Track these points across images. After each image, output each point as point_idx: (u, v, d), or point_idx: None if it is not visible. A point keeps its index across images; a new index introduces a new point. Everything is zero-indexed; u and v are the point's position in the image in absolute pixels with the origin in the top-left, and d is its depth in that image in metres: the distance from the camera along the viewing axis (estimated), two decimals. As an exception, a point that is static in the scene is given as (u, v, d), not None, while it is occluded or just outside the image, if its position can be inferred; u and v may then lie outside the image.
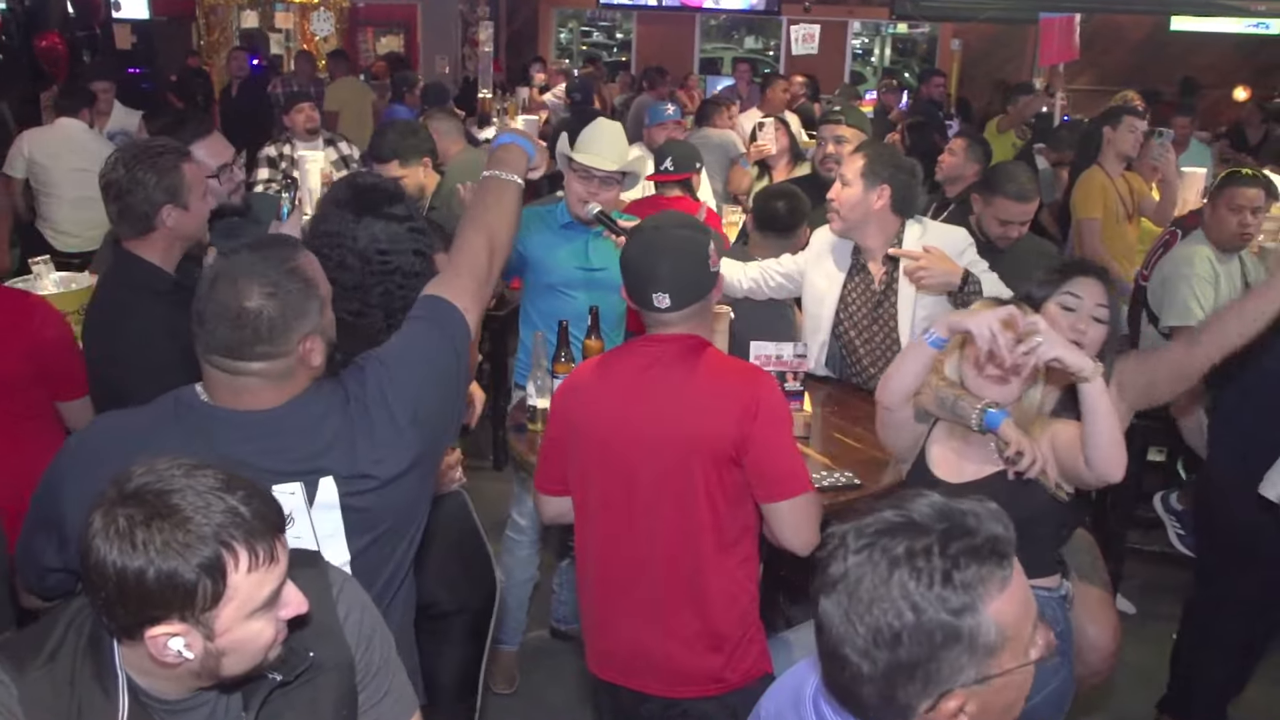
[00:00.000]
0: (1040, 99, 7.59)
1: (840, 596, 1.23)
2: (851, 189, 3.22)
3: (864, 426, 3.10)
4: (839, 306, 3.35)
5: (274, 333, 1.70)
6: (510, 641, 3.69)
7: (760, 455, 2.19)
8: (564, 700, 3.62)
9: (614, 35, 16.55)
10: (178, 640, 1.29)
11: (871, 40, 15.93)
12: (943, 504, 1.27)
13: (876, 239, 3.28)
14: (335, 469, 1.77)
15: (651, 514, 2.23)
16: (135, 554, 1.26)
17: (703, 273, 2.26)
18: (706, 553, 2.23)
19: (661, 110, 5.33)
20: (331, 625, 1.55)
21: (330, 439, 1.77)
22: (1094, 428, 2.11)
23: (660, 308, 2.23)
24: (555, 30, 15.92)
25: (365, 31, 14.50)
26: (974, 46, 13.45)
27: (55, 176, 5.67)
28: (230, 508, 1.30)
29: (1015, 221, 3.86)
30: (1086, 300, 2.44)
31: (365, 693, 1.60)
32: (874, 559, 1.22)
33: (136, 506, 1.28)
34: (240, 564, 1.29)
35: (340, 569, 1.66)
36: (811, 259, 3.45)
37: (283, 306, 1.71)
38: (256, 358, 1.71)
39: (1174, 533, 4.20)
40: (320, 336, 1.78)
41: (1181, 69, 12.30)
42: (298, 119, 5.83)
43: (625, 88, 10.95)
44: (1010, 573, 1.24)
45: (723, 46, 15.97)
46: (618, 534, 2.29)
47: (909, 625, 1.19)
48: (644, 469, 2.23)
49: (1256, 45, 11.87)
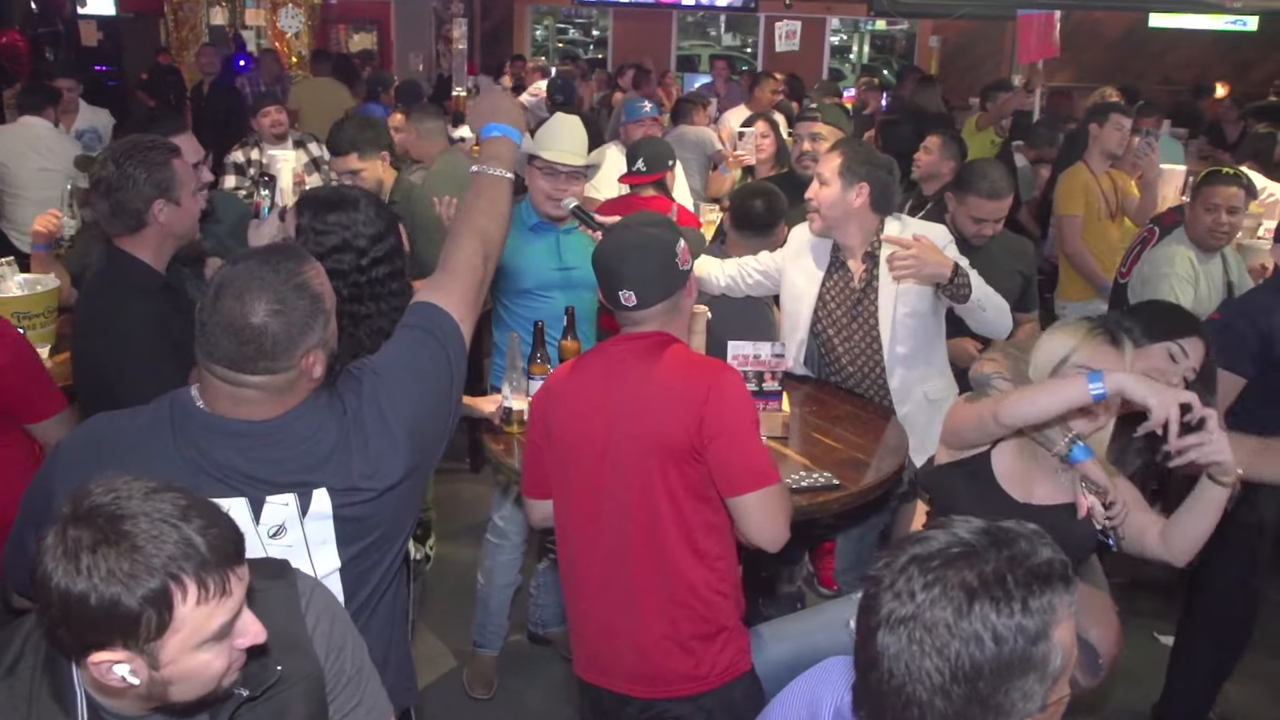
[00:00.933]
0: (1019, 96, 7.62)
1: (912, 632, 1.18)
2: (830, 187, 3.22)
3: (843, 427, 3.11)
4: (817, 305, 3.35)
5: (277, 349, 1.68)
6: (490, 646, 3.67)
7: (721, 448, 2.15)
8: (542, 704, 3.60)
9: (590, 32, 16.52)
10: (122, 667, 1.27)
11: (850, 37, 15.97)
12: (984, 526, 1.25)
13: (856, 237, 3.28)
14: (329, 481, 1.75)
15: (620, 514, 2.24)
16: (79, 578, 1.23)
17: (669, 271, 2.27)
18: (674, 552, 2.22)
19: (638, 107, 5.28)
20: (300, 637, 1.54)
21: (326, 452, 1.76)
22: (1199, 523, 2.14)
23: (627, 305, 2.26)
24: (530, 27, 15.87)
25: (337, 28, 14.40)
26: (952, 43, 13.52)
27: (20, 177, 5.59)
28: (184, 538, 1.27)
29: (988, 219, 3.86)
30: (1191, 358, 2.49)
31: (336, 703, 1.59)
32: (948, 591, 1.18)
33: (86, 528, 1.25)
34: (189, 597, 1.27)
35: (310, 576, 1.65)
36: (789, 256, 3.46)
37: (288, 324, 1.68)
38: (259, 372, 1.69)
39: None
40: (323, 349, 1.76)
41: (1159, 66, 12.40)
42: (264, 122, 5.79)
43: (602, 85, 10.94)
44: (1074, 595, 1.22)
45: (700, 43, 15.97)
46: (591, 535, 2.29)
47: (990, 657, 1.16)
48: (610, 468, 2.23)
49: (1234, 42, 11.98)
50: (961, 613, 1.17)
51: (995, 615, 1.16)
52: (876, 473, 2.82)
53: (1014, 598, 1.17)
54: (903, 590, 1.20)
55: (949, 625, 1.17)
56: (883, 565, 1.25)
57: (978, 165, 4.11)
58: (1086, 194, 5.14)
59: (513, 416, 3.00)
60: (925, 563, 1.21)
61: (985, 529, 1.24)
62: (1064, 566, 1.22)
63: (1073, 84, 12.30)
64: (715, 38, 15.99)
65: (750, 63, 14.01)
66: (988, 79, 9.98)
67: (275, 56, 10.42)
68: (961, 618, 1.17)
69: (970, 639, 1.16)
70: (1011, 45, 11.10)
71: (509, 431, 3.02)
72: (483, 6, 14.53)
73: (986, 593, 1.17)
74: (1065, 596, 1.20)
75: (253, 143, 5.82)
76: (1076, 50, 10.94)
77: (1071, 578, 1.22)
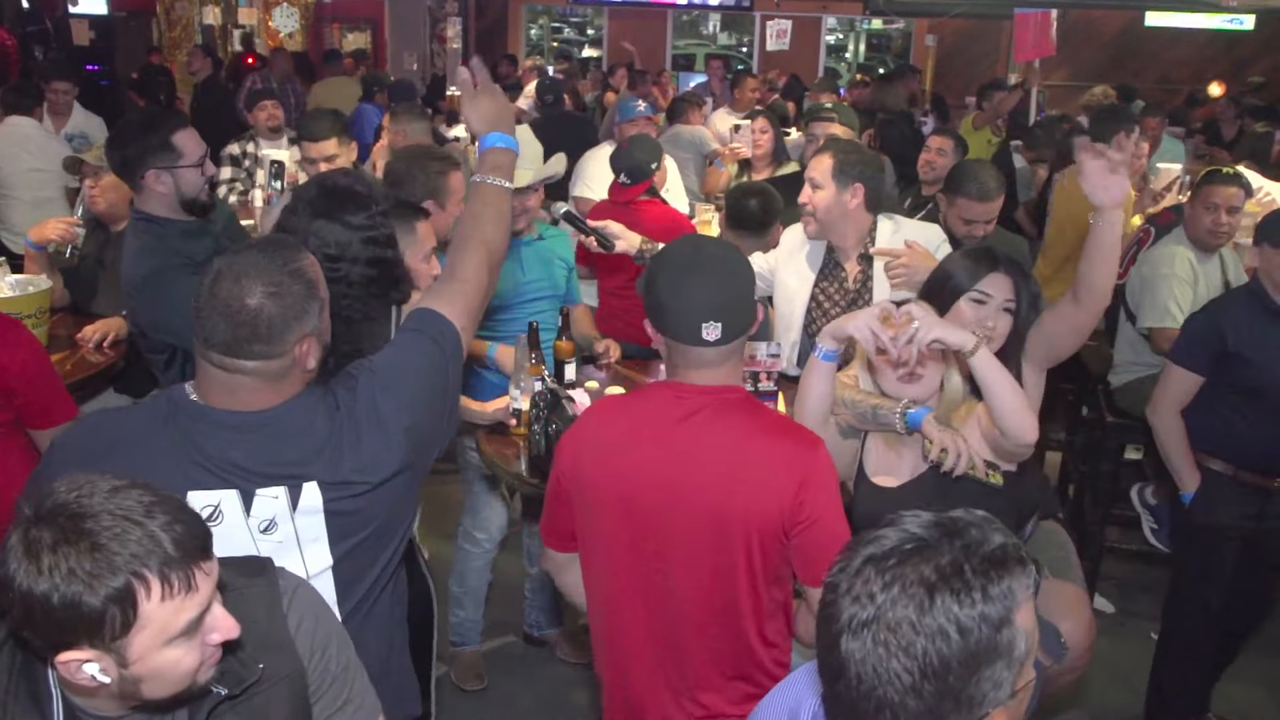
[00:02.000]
0: (1015, 95, 7.62)
1: (876, 634, 1.16)
2: (824, 190, 3.22)
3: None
4: (812, 305, 3.35)
5: (272, 332, 1.70)
6: (470, 642, 3.70)
7: (813, 534, 1.95)
8: (536, 704, 3.61)
9: (585, 31, 16.52)
10: (91, 666, 1.28)
11: (846, 36, 15.98)
12: (934, 518, 1.24)
13: (851, 238, 3.28)
14: (320, 475, 1.76)
15: (681, 589, 2.01)
16: (41, 578, 1.23)
17: (753, 301, 2.06)
18: (747, 632, 2.03)
19: (632, 106, 5.28)
20: (281, 636, 1.53)
21: (317, 446, 1.76)
22: (992, 396, 2.16)
23: (709, 340, 1.96)
24: (525, 26, 15.87)
25: (331, 28, 14.39)
26: (949, 43, 13.53)
27: (11, 178, 5.58)
28: (148, 534, 1.27)
29: (979, 221, 3.85)
30: (996, 296, 2.48)
31: (321, 702, 1.59)
32: (907, 589, 1.16)
33: (48, 528, 1.25)
34: (153, 593, 1.27)
35: (293, 575, 1.64)
36: (783, 257, 3.45)
37: (283, 307, 1.71)
38: (253, 356, 1.71)
39: (1148, 527, 4.25)
40: (317, 339, 1.79)
41: (1156, 65, 12.42)
42: (259, 116, 5.84)
43: (596, 85, 10.95)
44: (1031, 577, 1.21)
45: (695, 42, 15.97)
46: (638, 606, 2.06)
47: (957, 650, 1.15)
48: (680, 537, 1.98)
49: (1231, 40, 12.00)
50: (924, 609, 1.15)
51: (958, 607, 1.15)
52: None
53: (974, 587, 1.16)
54: (861, 593, 1.19)
55: (913, 623, 1.15)
56: (838, 570, 1.24)
57: (968, 167, 4.10)
58: None
59: (522, 417, 3.00)
60: (881, 563, 1.19)
61: (935, 521, 1.23)
62: (1017, 549, 1.22)
63: (1069, 83, 12.32)
64: (710, 37, 16.00)
65: (746, 62, 14.03)
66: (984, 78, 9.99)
67: (286, 56, 10.43)
68: (924, 614, 1.15)
69: (935, 634, 1.15)
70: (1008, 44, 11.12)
71: (517, 433, 3.02)
72: (477, 6, 14.52)
73: (946, 585, 1.16)
74: (1023, 579, 1.20)
75: (249, 136, 5.88)
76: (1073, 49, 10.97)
77: (1026, 559, 1.22)
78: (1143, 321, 3.97)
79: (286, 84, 9.08)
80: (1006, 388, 2.17)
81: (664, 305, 1.98)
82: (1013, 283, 2.50)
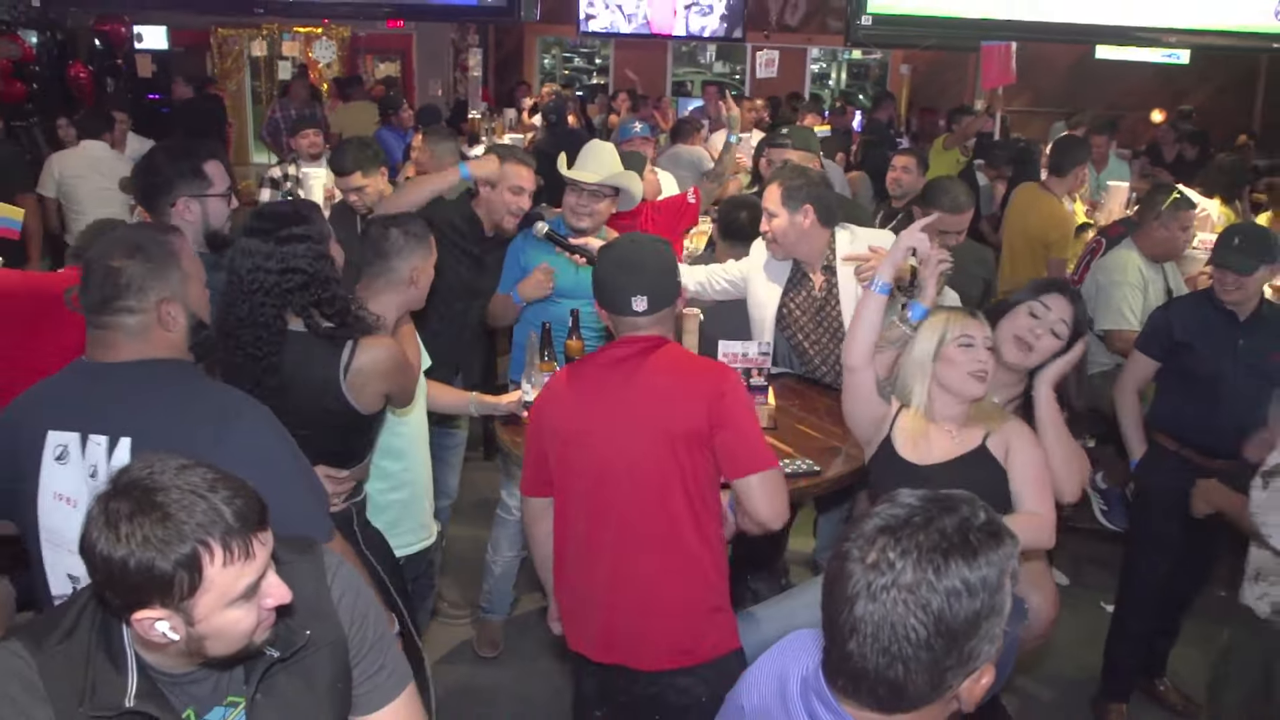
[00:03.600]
0: (981, 119, 7.64)
1: (896, 595, 1.18)
2: (779, 218, 3.23)
3: (822, 418, 3.11)
4: (784, 313, 3.34)
5: (132, 289, 1.80)
6: (498, 612, 3.69)
7: (730, 436, 2.19)
8: (555, 665, 3.59)
9: (594, 60, 16.47)
10: (163, 623, 1.31)
11: (829, 65, 15.93)
12: (925, 494, 1.27)
13: (813, 253, 3.29)
14: (138, 437, 1.76)
15: (634, 495, 2.20)
16: (119, 545, 1.27)
17: (674, 280, 2.32)
18: (686, 532, 2.20)
19: (629, 128, 5.30)
20: (326, 607, 1.55)
21: (151, 410, 1.78)
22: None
23: (638, 311, 2.24)
24: (540, 56, 15.83)
25: (365, 58, 14.40)
26: (921, 72, 13.50)
27: (81, 195, 5.63)
28: (211, 507, 1.30)
29: (951, 231, 3.86)
30: (1053, 313, 2.51)
31: (360, 667, 1.60)
32: (924, 555, 1.19)
33: (125, 500, 1.29)
34: (216, 559, 1.30)
35: (335, 554, 1.65)
36: (753, 267, 3.44)
37: (144, 268, 1.81)
38: (118, 311, 1.80)
39: (1098, 508, 4.26)
40: (180, 304, 1.85)
41: (1106, 93, 12.40)
42: (302, 143, 5.83)
43: (603, 108, 10.96)
44: (1015, 548, 1.25)
45: (692, 70, 15.92)
46: (600, 518, 2.25)
47: (966, 609, 1.18)
48: (619, 456, 2.20)
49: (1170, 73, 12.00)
50: (940, 571, 1.18)
51: (967, 570, 1.19)
52: (850, 460, 2.82)
53: (978, 553, 1.20)
54: (879, 560, 1.20)
55: (930, 584, 1.18)
56: (851, 541, 1.25)
57: (941, 182, 4.11)
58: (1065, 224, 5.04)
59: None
60: (895, 533, 1.22)
61: (931, 498, 1.26)
62: (1000, 524, 1.26)
63: (1029, 108, 12.29)
64: (706, 65, 15.95)
65: (739, 88, 13.98)
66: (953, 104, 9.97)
67: (304, 83, 10.39)
68: (940, 577, 1.18)
69: (949, 594, 1.18)
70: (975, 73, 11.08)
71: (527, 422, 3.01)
72: (496, 38, 14.49)
73: (957, 551, 1.19)
74: (1010, 549, 1.24)
75: (291, 160, 5.87)
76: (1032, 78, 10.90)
77: (1010, 532, 1.26)
78: (1099, 324, 4.01)
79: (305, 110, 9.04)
80: (1050, 432, 2.36)
81: (603, 284, 2.28)
82: (1072, 309, 2.53)
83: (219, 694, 1.45)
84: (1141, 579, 3.41)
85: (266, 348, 2.25)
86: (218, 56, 13.53)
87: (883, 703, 1.24)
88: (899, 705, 1.24)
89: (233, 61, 13.65)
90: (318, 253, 2.28)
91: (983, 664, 1.23)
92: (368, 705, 1.62)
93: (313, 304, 2.28)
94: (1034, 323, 2.51)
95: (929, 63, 13.61)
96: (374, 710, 1.62)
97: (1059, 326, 2.50)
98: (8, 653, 1.39)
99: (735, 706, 1.46)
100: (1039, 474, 2.30)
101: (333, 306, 2.30)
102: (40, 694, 1.36)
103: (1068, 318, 2.51)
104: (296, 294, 2.26)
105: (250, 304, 2.26)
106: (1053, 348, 2.49)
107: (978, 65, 7.10)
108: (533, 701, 3.48)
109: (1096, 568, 4.25)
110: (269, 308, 2.26)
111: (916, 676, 1.20)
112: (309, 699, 1.51)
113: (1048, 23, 6.40)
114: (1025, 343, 2.50)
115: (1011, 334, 2.51)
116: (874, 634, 1.19)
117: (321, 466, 2.24)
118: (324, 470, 2.28)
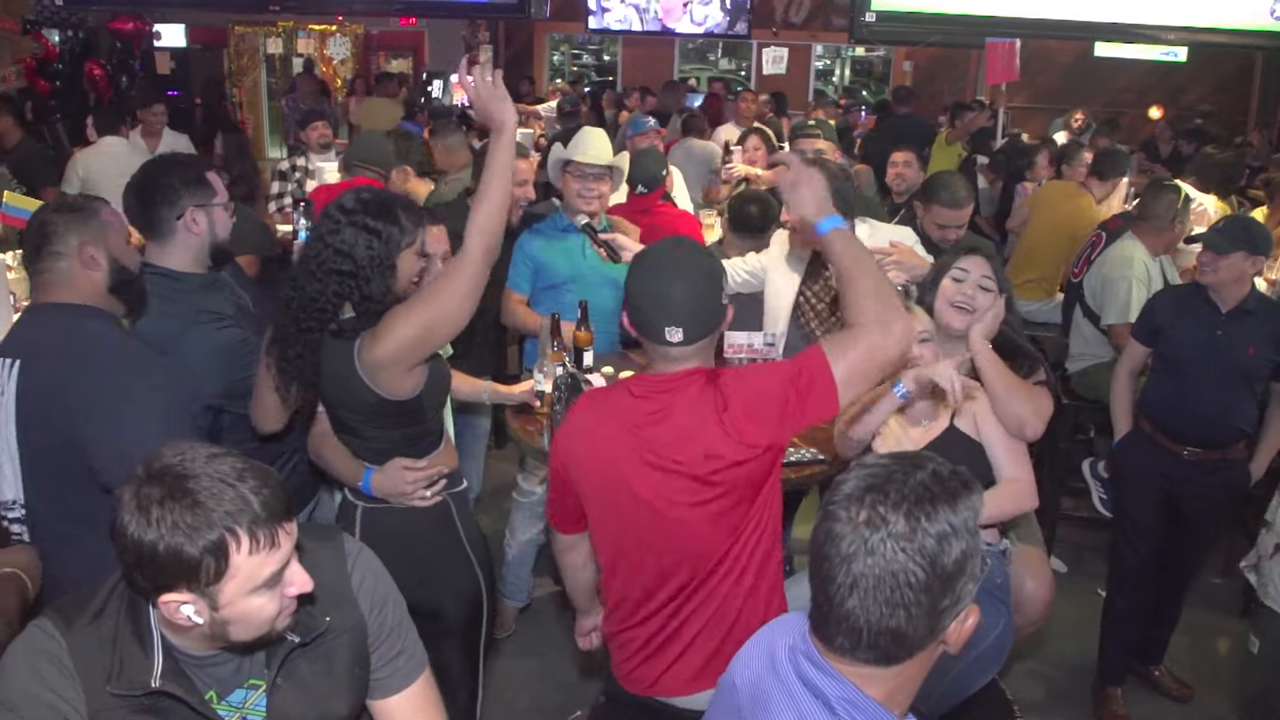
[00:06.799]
0: (982, 115, 7.61)
1: (894, 544, 1.20)
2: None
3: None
4: (801, 303, 3.32)
5: (54, 237, 2.06)
6: (514, 598, 3.67)
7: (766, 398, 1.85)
8: (573, 648, 3.58)
9: (602, 57, 16.42)
10: (188, 607, 1.31)
11: (833, 62, 15.85)
12: (895, 454, 1.31)
13: None
14: (24, 360, 2.01)
15: (685, 550, 1.91)
16: (150, 529, 1.27)
17: (717, 304, 1.91)
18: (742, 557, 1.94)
19: (642, 122, 5.30)
20: (346, 593, 1.55)
21: (46, 345, 2.01)
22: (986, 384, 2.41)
23: (672, 342, 1.86)
24: (549, 52, 15.78)
25: (378, 54, 14.39)
26: (923, 68, 13.45)
27: (104, 190, 5.59)
28: (239, 496, 1.30)
29: (951, 225, 3.83)
30: (973, 273, 2.55)
31: (378, 651, 1.60)
32: (914, 505, 1.22)
33: (156, 486, 1.29)
34: (242, 547, 1.30)
35: (356, 541, 1.65)
36: (773, 258, 3.42)
37: (67, 218, 2.08)
38: (47, 257, 2.07)
39: (1097, 496, 4.25)
40: (100, 247, 2.08)
41: (1105, 90, 12.35)
42: (312, 135, 5.83)
43: (611, 103, 10.98)
44: (980, 495, 1.29)
45: (699, 67, 15.86)
46: (652, 571, 1.96)
47: (956, 550, 1.22)
48: (667, 509, 1.88)
49: (1168, 70, 11.93)
50: (930, 517, 1.21)
51: (952, 514, 1.22)
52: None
53: (957, 497, 1.24)
54: (872, 516, 1.22)
55: (924, 530, 1.21)
56: (836, 505, 1.26)
57: (942, 177, 4.07)
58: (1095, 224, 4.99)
59: (545, 398, 2.98)
60: (882, 489, 1.24)
61: (899, 456, 1.30)
62: (964, 472, 1.30)
63: (1030, 105, 12.23)
64: (713, 62, 15.89)
65: (744, 84, 13.92)
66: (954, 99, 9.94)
67: (311, 77, 10.37)
68: (932, 522, 1.21)
69: (940, 538, 1.21)
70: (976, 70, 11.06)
71: (541, 413, 2.99)
72: (506, 34, 14.45)
73: (940, 499, 1.23)
74: (978, 493, 1.28)
75: (300, 152, 5.85)
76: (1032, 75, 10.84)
77: (974, 479, 1.30)
78: (1106, 319, 4.02)
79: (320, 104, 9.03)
80: (991, 372, 2.37)
81: (636, 304, 1.90)
82: (988, 263, 2.59)
83: (240, 676, 1.46)
84: (1121, 557, 3.41)
85: (312, 335, 2.13)
86: (234, 53, 13.52)
87: (885, 653, 1.25)
88: (899, 654, 1.25)
89: (249, 58, 13.64)
90: (378, 254, 2.12)
91: (967, 604, 1.26)
92: (385, 689, 1.62)
93: (345, 296, 2.13)
94: (960, 286, 2.55)
95: (931, 60, 13.55)
96: (392, 694, 1.63)
97: (985, 282, 2.54)
98: (40, 632, 1.41)
99: (728, 684, 1.45)
100: (1009, 438, 2.36)
101: (362, 308, 2.14)
102: (70, 672, 1.37)
103: (989, 272, 2.56)
104: (334, 278, 2.11)
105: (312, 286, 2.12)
106: (990, 302, 2.52)
107: (980, 62, 7.06)
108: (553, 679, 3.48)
109: (1095, 556, 4.23)
110: (328, 289, 2.11)
111: (917, 621, 1.22)
112: (328, 683, 1.51)
113: (1048, 19, 6.37)
114: (961, 306, 2.54)
115: (947, 304, 2.56)
116: (875, 586, 1.21)
117: (398, 459, 2.21)
118: (401, 462, 2.21)
